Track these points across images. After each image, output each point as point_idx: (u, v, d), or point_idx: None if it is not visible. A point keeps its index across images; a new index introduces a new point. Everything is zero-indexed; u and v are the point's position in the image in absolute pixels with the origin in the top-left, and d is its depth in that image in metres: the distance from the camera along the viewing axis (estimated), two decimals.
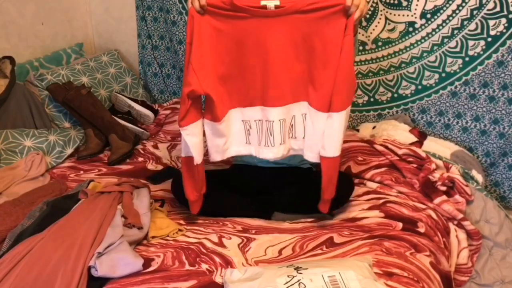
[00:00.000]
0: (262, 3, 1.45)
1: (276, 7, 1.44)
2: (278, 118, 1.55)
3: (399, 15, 2.25)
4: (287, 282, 1.26)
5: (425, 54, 2.26)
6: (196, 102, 1.54)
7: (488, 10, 2.09)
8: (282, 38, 1.48)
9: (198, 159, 1.57)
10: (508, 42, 2.09)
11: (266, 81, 1.53)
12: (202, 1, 1.44)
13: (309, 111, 1.55)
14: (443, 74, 2.26)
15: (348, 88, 1.49)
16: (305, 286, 1.25)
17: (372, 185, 1.98)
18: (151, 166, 2.23)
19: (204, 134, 1.58)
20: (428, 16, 2.20)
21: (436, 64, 2.25)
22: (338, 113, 1.49)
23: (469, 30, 2.15)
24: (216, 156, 1.62)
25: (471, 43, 2.16)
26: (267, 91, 1.53)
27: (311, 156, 1.60)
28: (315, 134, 1.55)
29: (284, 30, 1.47)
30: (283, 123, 1.56)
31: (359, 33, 2.32)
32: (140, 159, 2.29)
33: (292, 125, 1.58)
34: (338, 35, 1.43)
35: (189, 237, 1.64)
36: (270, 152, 1.61)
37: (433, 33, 2.21)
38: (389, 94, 2.38)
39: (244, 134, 1.62)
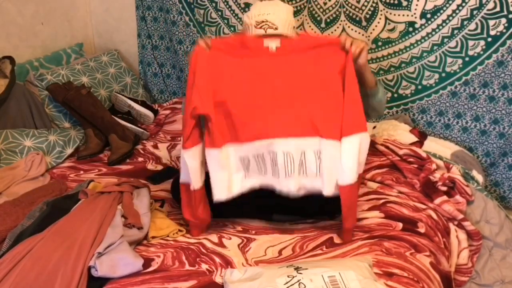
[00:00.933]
0: (265, 44, 1.53)
1: (277, 48, 1.54)
2: (281, 150, 1.53)
3: (399, 15, 2.25)
4: (287, 282, 1.26)
5: (425, 54, 2.26)
6: (198, 125, 1.55)
7: (488, 10, 2.09)
8: (286, 75, 1.54)
9: (196, 184, 1.56)
10: (508, 42, 2.09)
11: (270, 114, 1.54)
12: (210, 43, 1.55)
13: (323, 146, 1.52)
14: (443, 74, 2.26)
15: (354, 113, 1.51)
16: (305, 286, 1.25)
17: (373, 185, 1.98)
18: (151, 166, 2.23)
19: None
20: (428, 16, 2.20)
21: (436, 64, 2.25)
22: (349, 137, 1.49)
23: (469, 30, 2.15)
24: (220, 195, 1.55)
25: (471, 43, 2.16)
26: (271, 123, 1.54)
27: (331, 191, 1.54)
28: (335, 166, 1.52)
29: (287, 67, 1.54)
30: (288, 156, 1.53)
31: (359, 33, 2.32)
32: (140, 159, 2.29)
33: (302, 161, 1.54)
34: (336, 69, 1.51)
35: (189, 237, 1.64)
36: (279, 184, 1.56)
37: (433, 33, 2.21)
38: (389, 94, 2.38)
39: (242, 167, 1.58)
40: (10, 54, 2.25)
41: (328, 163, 1.52)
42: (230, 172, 1.56)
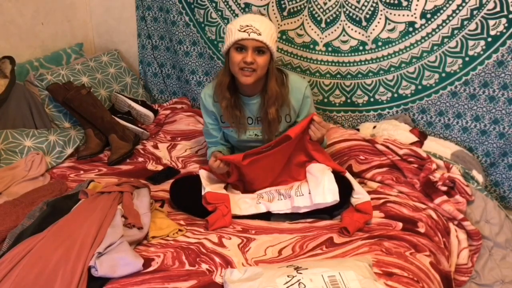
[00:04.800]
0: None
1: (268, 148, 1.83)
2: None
3: (399, 15, 2.25)
4: (287, 282, 1.26)
5: (425, 54, 2.26)
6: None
7: (488, 10, 2.09)
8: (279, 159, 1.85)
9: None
10: (508, 42, 2.09)
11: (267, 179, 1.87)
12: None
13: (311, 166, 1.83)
14: (443, 74, 2.26)
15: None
16: (305, 286, 1.25)
17: (373, 185, 1.98)
18: (151, 166, 2.23)
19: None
20: (428, 16, 2.20)
21: (436, 64, 2.25)
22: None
23: (469, 30, 2.15)
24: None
25: (471, 43, 2.16)
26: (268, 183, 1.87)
27: (321, 197, 1.71)
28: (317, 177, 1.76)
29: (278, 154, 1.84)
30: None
31: (359, 33, 2.33)
32: (140, 159, 2.29)
33: (298, 186, 1.78)
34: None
35: (189, 237, 1.64)
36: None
37: (433, 33, 2.21)
38: (389, 94, 2.38)
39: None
40: (10, 54, 2.25)
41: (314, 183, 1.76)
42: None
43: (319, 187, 1.71)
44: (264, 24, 1.77)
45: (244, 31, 1.74)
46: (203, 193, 1.76)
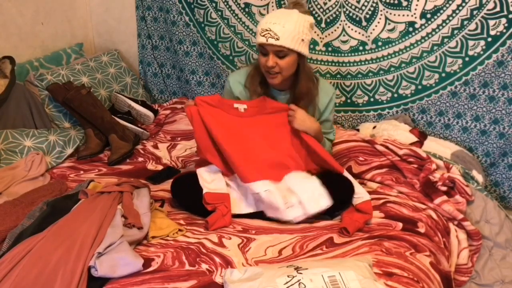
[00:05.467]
0: (234, 105, 1.85)
1: (245, 109, 1.86)
2: (263, 189, 1.72)
3: (399, 15, 2.25)
4: (287, 282, 1.26)
5: (425, 54, 2.26)
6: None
7: (488, 10, 2.09)
8: (256, 131, 1.85)
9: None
10: (508, 42, 2.09)
11: (245, 163, 1.78)
12: (194, 101, 1.81)
13: (292, 176, 1.79)
14: (443, 74, 2.26)
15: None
16: (305, 286, 1.25)
17: (373, 185, 1.98)
18: (151, 166, 2.23)
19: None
20: (428, 16, 2.20)
21: (436, 64, 2.25)
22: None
23: (469, 30, 2.15)
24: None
25: (471, 43, 2.16)
26: (248, 169, 1.77)
27: (315, 206, 1.71)
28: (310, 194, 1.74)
29: (256, 125, 1.85)
30: (270, 193, 1.72)
31: (359, 32, 2.33)
32: (140, 159, 2.29)
33: (284, 196, 1.73)
34: (288, 128, 1.86)
35: (189, 237, 1.64)
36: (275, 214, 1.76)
37: (433, 33, 2.21)
38: (389, 94, 2.38)
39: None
40: (10, 54, 2.25)
41: (303, 193, 1.72)
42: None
43: (310, 195, 1.71)
44: (287, 25, 1.72)
45: (263, 35, 1.73)
46: (203, 192, 1.76)
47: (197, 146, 1.88)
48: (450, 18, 2.17)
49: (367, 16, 2.29)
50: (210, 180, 1.83)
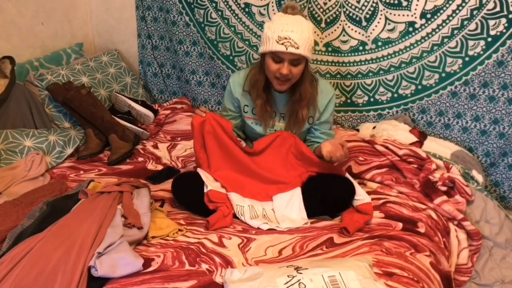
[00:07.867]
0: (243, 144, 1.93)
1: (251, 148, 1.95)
2: (248, 204, 1.80)
3: (399, 15, 2.25)
4: (287, 282, 1.26)
5: (425, 54, 2.26)
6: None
7: (488, 10, 2.09)
8: (258, 164, 1.90)
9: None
10: (508, 42, 2.09)
11: (245, 185, 1.86)
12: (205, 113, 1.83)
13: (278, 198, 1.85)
14: (443, 74, 2.26)
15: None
16: (305, 286, 1.25)
17: (373, 185, 1.98)
18: (151, 166, 2.23)
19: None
20: (428, 16, 2.20)
21: (436, 64, 2.25)
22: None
23: (469, 30, 2.15)
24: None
25: (471, 43, 2.16)
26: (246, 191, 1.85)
27: (299, 219, 1.76)
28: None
29: (256, 160, 1.90)
30: (252, 208, 1.80)
31: (359, 32, 2.32)
32: (140, 159, 2.29)
33: (264, 215, 1.79)
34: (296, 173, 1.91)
35: (189, 237, 1.64)
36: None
37: (433, 33, 2.21)
38: (389, 94, 2.38)
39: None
40: (10, 54, 2.25)
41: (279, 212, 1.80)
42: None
43: (289, 212, 1.78)
44: (303, 33, 1.72)
45: (282, 43, 1.70)
46: (205, 190, 1.76)
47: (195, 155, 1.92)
48: (450, 18, 2.17)
49: (367, 16, 2.29)
50: (213, 179, 1.83)
